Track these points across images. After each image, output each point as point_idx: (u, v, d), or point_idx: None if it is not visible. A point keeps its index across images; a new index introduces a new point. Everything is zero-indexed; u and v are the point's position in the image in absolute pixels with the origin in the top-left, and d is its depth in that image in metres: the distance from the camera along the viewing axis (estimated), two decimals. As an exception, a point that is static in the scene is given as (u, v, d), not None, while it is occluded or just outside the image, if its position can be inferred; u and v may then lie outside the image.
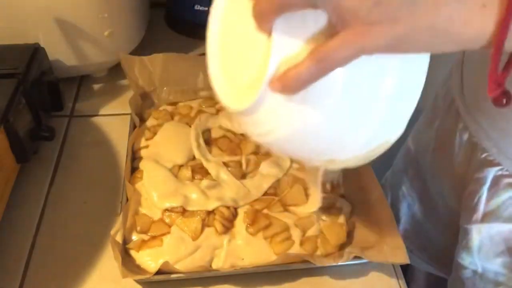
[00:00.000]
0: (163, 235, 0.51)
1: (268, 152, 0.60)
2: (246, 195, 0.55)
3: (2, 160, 0.53)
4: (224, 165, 0.57)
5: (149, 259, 0.50)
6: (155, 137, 0.61)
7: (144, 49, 0.74)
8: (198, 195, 0.54)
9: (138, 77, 0.68)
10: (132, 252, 0.50)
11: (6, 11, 0.61)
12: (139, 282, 0.50)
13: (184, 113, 0.66)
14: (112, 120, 0.69)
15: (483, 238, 0.58)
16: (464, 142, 0.60)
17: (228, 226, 0.52)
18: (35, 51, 0.61)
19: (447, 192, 0.67)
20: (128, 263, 0.48)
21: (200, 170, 0.57)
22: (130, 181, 0.55)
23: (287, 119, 0.33)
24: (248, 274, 0.50)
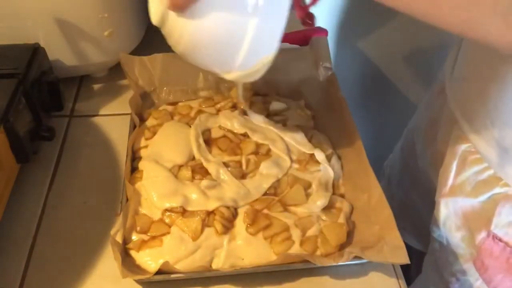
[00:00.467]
0: (163, 235, 0.51)
1: (268, 152, 0.60)
2: (246, 195, 0.55)
3: (2, 160, 0.53)
4: (224, 165, 0.57)
5: (149, 259, 0.50)
6: (155, 137, 0.61)
7: (144, 49, 0.74)
8: (198, 195, 0.54)
9: (138, 77, 0.68)
10: (132, 252, 0.50)
11: (6, 11, 0.61)
12: (139, 282, 0.50)
13: (184, 113, 0.66)
14: (112, 120, 0.69)
15: (449, 212, 0.62)
16: (447, 120, 0.65)
17: (228, 226, 0.52)
18: (35, 51, 0.61)
19: (430, 167, 0.71)
20: (128, 263, 0.48)
21: (200, 170, 0.57)
22: (130, 181, 0.55)
23: (183, 31, 0.42)
24: (248, 274, 0.50)
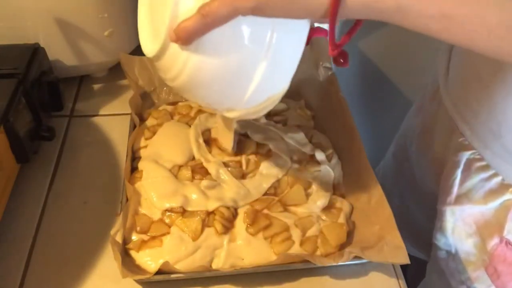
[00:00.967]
0: (163, 235, 0.51)
1: (268, 152, 0.60)
2: (246, 195, 0.55)
3: (2, 160, 0.53)
4: (224, 165, 0.57)
5: (149, 259, 0.50)
6: (154, 137, 0.61)
7: (144, 49, 0.74)
8: (198, 195, 0.54)
9: (138, 77, 0.68)
10: (132, 252, 0.50)
11: (6, 11, 0.61)
12: (139, 282, 0.50)
13: (184, 112, 0.66)
14: (112, 120, 0.69)
15: (456, 220, 0.61)
16: (444, 126, 0.64)
17: (228, 226, 0.52)
18: (35, 51, 0.61)
19: (428, 175, 0.70)
20: (128, 263, 0.48)
21: (200, 170, 0.57)
22: (130, 181, 0.55)
23: (185, 67, 0.38)
24: (248, 274, 0.50)
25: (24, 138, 0.56)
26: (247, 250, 0.51)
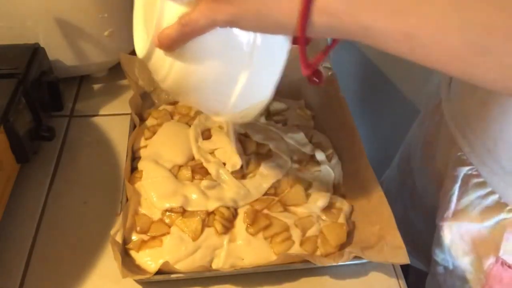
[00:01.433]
0: (163, 235, 0.51)
1: (268, 152, 0.60)
2: (246, 195, 0.55)
3: (2, 160, 0.53)
4: (224, 165, 0.57)
5: (149, 259, 0.50)
6: (154, 136, 0.61)
7: (144, 49, 0.74)
8: (198, 195, 0.54)
9: (138, 77, 0.68)
10: (132, 252, 0.50)
11: (6, 11, 0.61)
12: (139, 282, 0.50)
13: (184, 112, 0.66)
14: (112, 120, 0.69)
15: (454, 236, 0.60)
16: (446, 139, 0.62)
17: (228, 226, 0.52)
18: (35, 51, 0.61)
19: (430, 187, 0.69)
20: (128, 263, 0.48)
21: (200, 170, 0.57)
22: (130, 181, 0.55)
23: (170, 71, 0.39)
24: (248, 274, 0.50)
25: (24, 138, 0.56)
26: (247, 250, 0.51)
